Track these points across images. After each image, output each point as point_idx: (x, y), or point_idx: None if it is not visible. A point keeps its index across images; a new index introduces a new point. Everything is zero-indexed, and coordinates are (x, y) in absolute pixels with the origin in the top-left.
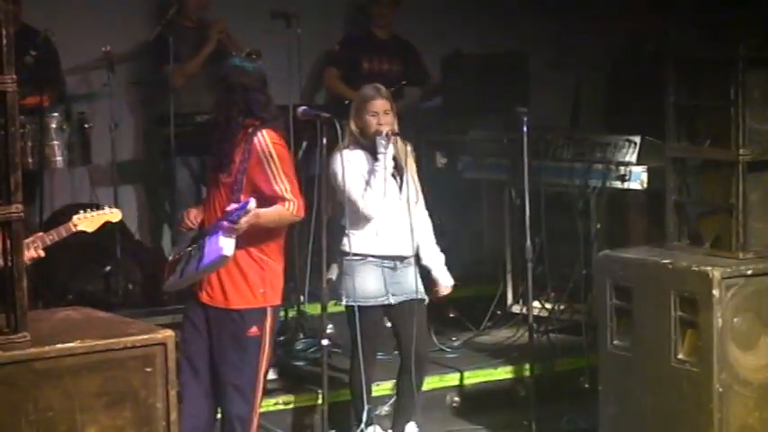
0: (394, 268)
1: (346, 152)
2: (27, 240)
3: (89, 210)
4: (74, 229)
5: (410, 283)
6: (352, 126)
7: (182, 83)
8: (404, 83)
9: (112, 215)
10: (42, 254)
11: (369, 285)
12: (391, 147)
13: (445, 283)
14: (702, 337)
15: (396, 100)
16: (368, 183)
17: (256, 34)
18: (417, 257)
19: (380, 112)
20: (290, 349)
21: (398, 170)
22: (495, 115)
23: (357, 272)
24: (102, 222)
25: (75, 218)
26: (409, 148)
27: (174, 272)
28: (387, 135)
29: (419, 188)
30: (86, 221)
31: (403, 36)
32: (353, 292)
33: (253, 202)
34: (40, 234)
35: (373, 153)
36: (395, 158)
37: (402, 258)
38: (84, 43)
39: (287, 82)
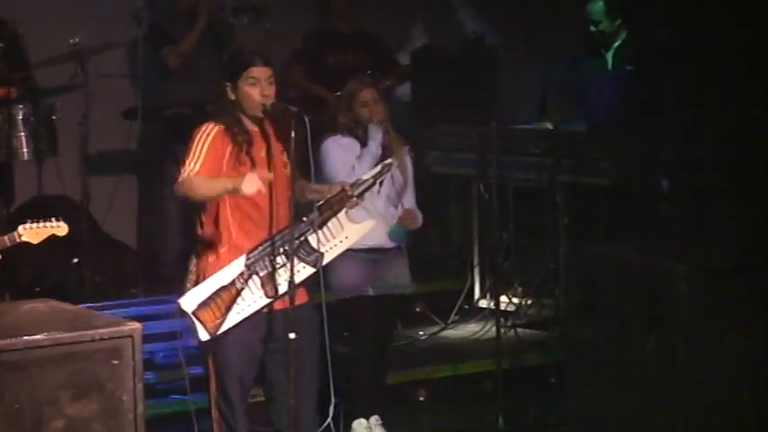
0: (376, 261)
1: (338, 138)
2: None
3: (36, 221)
4: (18, 240)
5: (392, 276)
6: (343, 120)
7: (178, 63)
8: (369, 72)
9: (59, 228)
10: None
11: (348, 279)
12: (381, 135)
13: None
14: (669, 334)
15: None
16: (353, 168)
17: None
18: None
19: (370, 102)
20: None
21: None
22: (464, 110)
23: (337, 265)
24: (48, 235)
25: (20, 228)
26: (406, 148)
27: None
28: (379, 122)
29: (409, 187)
30: (31, 232)
31: (368, 29)
32: (333, 285)
33: None
34: None
35: (365, 144)
36: (384, 149)
37: (382, 251)
38: (53, 35)
39: None
